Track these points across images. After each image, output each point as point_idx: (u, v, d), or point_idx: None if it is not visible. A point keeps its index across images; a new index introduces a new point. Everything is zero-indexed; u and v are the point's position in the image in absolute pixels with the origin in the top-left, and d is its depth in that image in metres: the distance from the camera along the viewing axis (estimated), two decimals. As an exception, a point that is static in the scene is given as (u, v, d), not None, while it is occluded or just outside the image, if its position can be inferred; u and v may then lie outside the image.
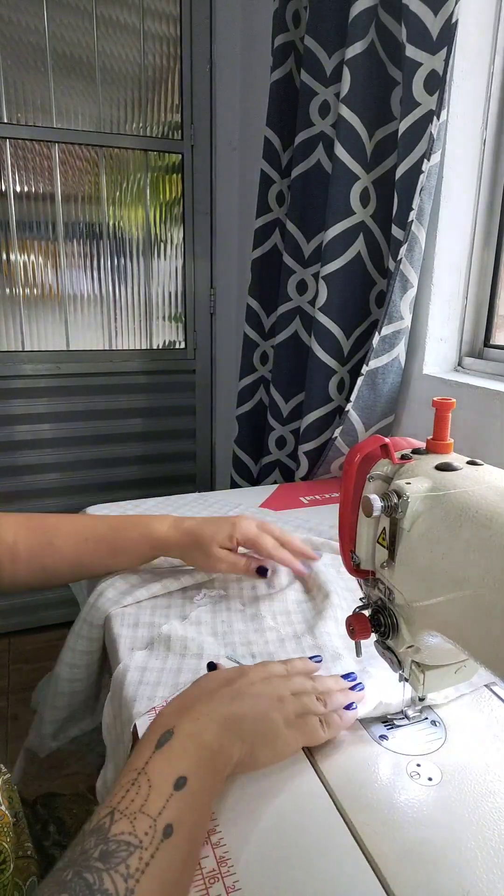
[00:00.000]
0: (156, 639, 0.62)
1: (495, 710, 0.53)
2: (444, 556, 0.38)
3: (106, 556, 0.71)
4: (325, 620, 0.64)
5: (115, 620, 0.66)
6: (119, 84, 1.63)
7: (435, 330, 1.04)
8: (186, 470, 1.98)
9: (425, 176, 0.90)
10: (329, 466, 1.16)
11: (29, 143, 1.59)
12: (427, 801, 0.44)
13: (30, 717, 0.80)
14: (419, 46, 0.88)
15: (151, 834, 0.35)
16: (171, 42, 1.65)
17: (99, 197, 1.69)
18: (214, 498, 1.02)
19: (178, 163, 1.74)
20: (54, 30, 1.54)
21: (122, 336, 1.82)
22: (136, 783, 0.38)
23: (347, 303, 1.10)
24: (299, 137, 1.15)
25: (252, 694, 0.46)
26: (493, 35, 0.94)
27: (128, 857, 0.34)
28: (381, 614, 0.46)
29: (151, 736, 0.41)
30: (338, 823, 0.42)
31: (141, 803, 0.37)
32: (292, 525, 0.91)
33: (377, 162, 1.05)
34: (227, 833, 0.41)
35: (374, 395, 1.04)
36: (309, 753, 0.48)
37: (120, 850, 0.34)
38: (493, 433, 0.88)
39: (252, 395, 1.44)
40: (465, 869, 0.39)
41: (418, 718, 0.51)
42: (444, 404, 0.44)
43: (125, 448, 1.89)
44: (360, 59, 0.98)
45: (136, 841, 0.35)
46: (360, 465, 0.46)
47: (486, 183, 1.00)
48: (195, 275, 1.82)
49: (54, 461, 1.81)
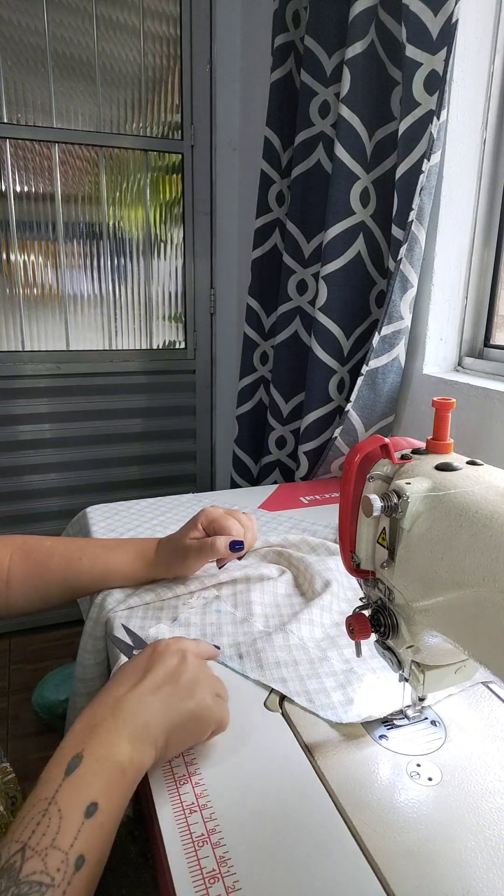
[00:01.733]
0: (145, 641, 0.62)
1: (495, 709, 0.53)
2: (444, 556, 0.38)
3: (97, 578, 0.71)
4: (311, 608, 0.66)
5: (114, 624, 0.66)
6: (119, 84, 1.63)
7: (435, 330, 1.04)
8: (186, 470, 1.98)
9: (425, 176, 0.90)
10: (329, 466, 1.16)
11: (29, 143, 1.59)
12: (427, 801, 0.44)
13: (30, 717, 0.80)
14: (419, 46, 0.88)
15: (63, 869, 0.35)
16: (171, 42, 1.65)
17: (99, 197, 1.69)
18: (210, 498, 1.01)
19: (178, 163, 1.74)
20: (54, 30, 1.54)
21: (122, 336, 1.82)
22: (46, 814, 0.37)
23: (347, 303, 1.10)
24: (299, 137, 1.15)
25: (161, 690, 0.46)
26: (493, 35, 0.94)
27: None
28: (381, 614, 0.46)
29: (60, 761, 0.40)
30: (338, 823, 0.42)
31: (52, 837, 0.36)
32: (291, 525, 0.91)
33: (377, 162, 1.05)
34: (227, 833, 0.41)
35: (374, 395, 1.04)
36: (309, 753, 0.48)
37: (32, 891, 0.34)
38: (493, 433, 0.88)
39: (252, 395, 1.45)
40: (465, 869, 0.39)
41: (418, 718, 0.51)
42: (444, 404, 0.44)
43: (125, 448, 1.89)
44: (360, 59, 0.98)
45: (49, 880, 0.34)
46: (360, 465, 0.46)
47: (486, 183, 1.00)
48: (195, 275, 1.82)
49: (54, 461, 1.81)
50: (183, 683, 0.47)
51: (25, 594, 0.70)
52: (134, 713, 0.44)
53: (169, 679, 0.47)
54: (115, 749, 0.42)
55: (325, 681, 0.56)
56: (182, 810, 0.43)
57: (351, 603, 0.69)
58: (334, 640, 0.62)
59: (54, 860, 0.35)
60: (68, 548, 0.72)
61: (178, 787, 0.45)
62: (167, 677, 0.47)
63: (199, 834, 0.41)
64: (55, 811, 0.37)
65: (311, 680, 0.56)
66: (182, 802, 0.44)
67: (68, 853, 0.36)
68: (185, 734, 0.46)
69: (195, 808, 0.43)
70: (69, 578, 0.70)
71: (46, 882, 0.34)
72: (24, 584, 0.70)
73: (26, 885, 0.34)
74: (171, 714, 0.45)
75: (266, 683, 0.56)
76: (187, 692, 0.47)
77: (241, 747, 0.49)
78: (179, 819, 0.42)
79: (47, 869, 0.35)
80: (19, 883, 0.34)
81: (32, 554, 0.70)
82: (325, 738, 0.50)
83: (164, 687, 0.46)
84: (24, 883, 0.34)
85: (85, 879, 0.36)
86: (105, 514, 0.94)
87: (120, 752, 0.42)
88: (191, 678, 0.48)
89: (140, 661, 0.49)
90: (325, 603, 0.67)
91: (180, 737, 0.46)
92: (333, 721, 0.51)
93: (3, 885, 0.34)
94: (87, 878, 0.36)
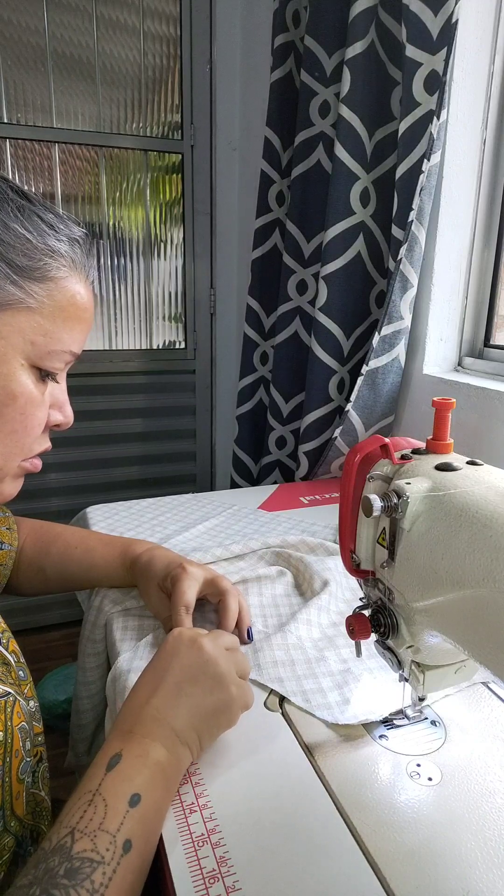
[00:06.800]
0: (142, 644, 0.62)
1: (495, 709, 0.53)
2: (444, 556, 0.38)
3: (85, 570, 0.71)
4: (309, 608, 0.65)
5: (113, 625, 0.66)
6: (119, 84, 1.63)
7: (435, 330, 1.04)
8: (186, 470, 1.98)
9: (425, 176, 0.90)
10: (329, 466, 1.16)
11: (29, 143, 1.59)
12: (427, 801, 0.44)
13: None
14: (419, 46, 0.88)
15: (112, 850, 0.36)
16: (171, 42, 1.65)
17: (99, 197, 1.69)
18: (209, 499, 1.01)
19: (178, 163, 1.74)
20: (54, 30, 1.54)
21: (122, 336, 1.81)
22: (92, 803, 0.38)
23: (347, 303, 1.10)
24: (299, 137, 1.15)
25: (183, 690, 0.46)
26: (493, 35, 0.94)
27: (92, 872, 0.35)
28: (381, 614, 0.46)
29: (100, 762, 0.41)
30: (338, 823, 0.42)
31: (99, 822, 0.37)
32: (291, 525, 0.91)
33: (377, 162, 1.05)
34: (227, 833, 0.41)
35: (374, 395, 1.04)
36: (309, 753, 0.48)
37: (84, 866, 0.35)
38: (493, 433, 0.88)
39: (252, 395, 1.44)
40: (465, 869, 0.39)
41: (418, 718, 0.51)
42: (444, 404, 0.44)
43: (125, 448, 1.89)
44: (360, 59, 0.98)
45: (99, 857, 0.36)
46: (360, 465, 0.46)
47: (486, 183, 1.00)
48: (195, 275, 1.82)
49: (55, 461, 1.81)
50: (203, 678, 0.46)
51: (28, 576, 0.71)
52: (160, 722, 0.44)
53: (188, 676, 0.46)
54: (152, 751, 0.42)
55: (321, 681, 0.56)
56: (182, 810, 0.43)
57: (349, 603, 0.69)
58: (332, 640, 0.62)
59: (103, 841, 0.37)
60: (73, 536, 0.73)
61: (178, 787, 0.45)
62: (185, 674, 0.46)
63: (199, 834, 0.41)
64: (100, 801, 0.38)
65: (308, 680, 0.56)
66: (182, 802, 0.44)
67: (115, 836, 0.37)
68: (216, 726, 0.47)
69: (195, 808, 0.43)
70: (64, 566, 0.71)
71: (97, 859, 0.36)
72: (28, 565, 0.71)
73: (78, 860, 0.35)
74: (197, 713, 0.45)
75: (263, 683, 0.56)
76: (209, 687, 0.46)
77: (242, 747, 0.49)
78: (179, 819, 0.42)
79: (97, 848, 0.36)
80: (71, 858, 0.35)
81: (42, 538, 0.72)
82: (325, 739, 0.50)
83: (184, 687, 0.46)
84: (76, 859, 0.35)
85: (134, 863, 0.37)
86: (105, 514, 0.94)
87: (156, 753, 0.42)
88: (210, 670, 0.47)
89: (158, 660, 0.48)
90: (323, 603, 0.67)
91: (212, 730, 0.46)
92: (329, 721, 0.51)
93: (57, 860, 0.35)
94: (135, 862, 0.37)
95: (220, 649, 0.49)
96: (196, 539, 0.85)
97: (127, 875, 0.36)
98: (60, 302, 0.48)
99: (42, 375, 0.49)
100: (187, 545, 0.82)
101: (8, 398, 0.47)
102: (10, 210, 0.45)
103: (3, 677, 0.48)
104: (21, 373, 0.47)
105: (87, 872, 0.35)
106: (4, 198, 0.45)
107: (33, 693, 0.53)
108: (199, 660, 0.47)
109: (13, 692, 0.47)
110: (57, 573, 0.71)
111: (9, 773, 0.43)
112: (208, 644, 0.48)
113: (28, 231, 0.45)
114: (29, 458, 0.52)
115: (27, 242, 0.45)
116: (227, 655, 0.49)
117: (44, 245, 0.46)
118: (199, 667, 0.47)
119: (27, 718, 0.48)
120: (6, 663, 0.50)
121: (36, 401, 0.49)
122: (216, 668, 0.47)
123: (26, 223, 0.45)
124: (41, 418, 0.51)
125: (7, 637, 0.53)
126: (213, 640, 0.49)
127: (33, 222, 0.46)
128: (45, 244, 0.46)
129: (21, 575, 0.71)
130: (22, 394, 0.47)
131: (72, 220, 0.50)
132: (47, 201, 0.49)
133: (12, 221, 0.45)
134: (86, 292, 0.50)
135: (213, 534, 0.87)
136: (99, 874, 0.35)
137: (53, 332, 0.48)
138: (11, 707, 0.46)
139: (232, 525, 0.90)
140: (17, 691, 0.48)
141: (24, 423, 0.49)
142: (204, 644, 0.48)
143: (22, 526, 0.74)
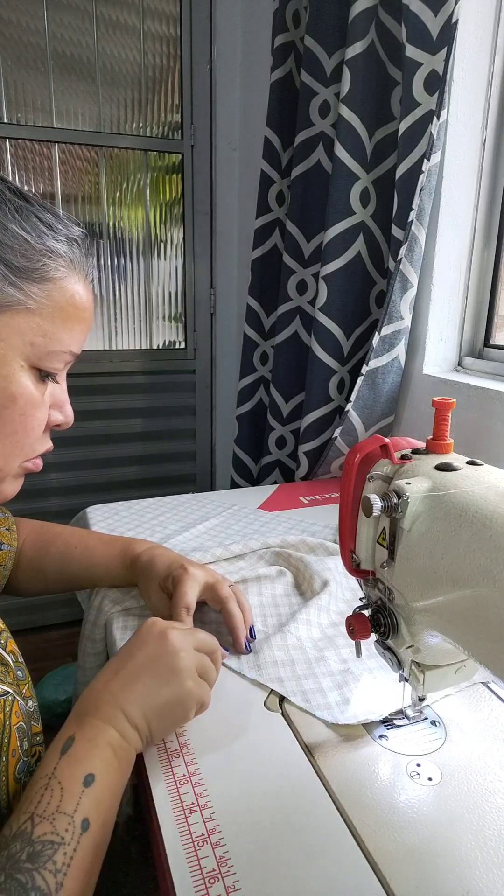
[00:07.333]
0: None
1: (495, 709, 0.53)
2: (444, 556, 0.38)
3: (85, 570, 0.71)
4: (308, 608, 0.65)
5: (113, 625, 0.66)
6: (119, 84, 1.63)
7: (435, 330, 1.04)
8: (186, 470, 1.98)
9: (425, 176, 0.90)
10: (329, 466, 1.16)
11: (29, 143, 1.59)
12: (427, 801, 0.44)
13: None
14: (419, 46, 0.88)
15: (72, 830, 0.38)
16: (171, 42, 1.65)
17: (99, 197, 1.69)
18: (209, 499, 1.01)
19: (178, 163, 1.74)
20: (54, 30, 1.54)
21: (122, 336, 1.81)
22: (48, 787, 0.39)
23: (347, 303, 1.10)
24: (299, 137, 1.15)
25: (139, 678, 0.47)
26: (493, 35, 0.94)
27: (53, 854, 0.36)
28: (381, 614, 0.46)
29: (55, 746, 0.43)
30: (338, 823, 0.42)
31: (57, 804, 0.38)
32: (291, 525, 0.91)
33: (377, 162, 1.05)
34: (227, 833, 0.41)
35: (374, 395, 1.04)
36: (309, 753, 0.48)
37: (45, 849, 0.36)
38: (493, 433, 0.88)
39: (252, 395, 1.44)
40: (465, 869, 0.39)
41: (418, 718, 0.51)
42: (443, 404, 0.44)
43: (125, 448, 1.89)
44: (360, 59, 0.98)
45: (59, 839, 0.37)
46: (360, 465, 0.46)
47: (486, 183, 1.00)
48: (195, 275, 1.82)
49: (55, 461, 1.81)
50: (162, 669, 0.47)
51: (28, 576, 0.71)
52: (113, 706, 0.45)
53: (148, 665, 0.47)
54: (103, 733, 0.44)
55: (321, 681, 0.56)
56: (182, 810, 0.43)
57: (349, 603, 0.69)
58: (332, 640, 0.62)
59: (62, 822, 0.38)
60: (73, 536, 0.73)
61: (178, 787, 0.45)
62: (146, 664, 0.48)
63: (199, 834, 0.41)
64: (56, 784, 0.40)
65: (308, 680, 0.56)
66: (182, 802, 0.44)
67: (73, 816, 0.38)
68: (168, 719, 0.47)
69: (195, 808, 0.43)
70: (64, 566, 0.71)
71: (57, 841, 0.37)
72: (28, 565, 0.71)
73: (39, 843, 0.36)
74: (149, 701, 0.46)
75: (263, 683, 0.56)
76: (165, 678, 0.47)
77: (241, 747, 0.49)
78: (179, 819, 0.42)
79: (56, 830, 0.37)
80: (33, 843, 0.36)
81: (42, 538, 0.73)
82: (325, 738, 0.50)
83: (142, 675, 0.47)
84: (37, 842, 0.36)
85: (93, 840, 0.38)
86: (105, 514, 0.94)
87: (107, 735, 0.44)
88: (169, 662, 0.48)
89: (126, 646, 0.50)
90: (323, 603, 0.67)
91: (163, 721, 0.47)
92: (329, 721, 0.51)
93: (18, 845, 0.36)
94: (94, 840, 0.39)
95: (187, 645, 0.50)
96: (196, 539, 0.85)
97: (87, 852, 0.38)
98: (59, 302, 0.48)
99: (42, 376, 0.49)
100: (187, 545, 0.82)
101: (8, 400, 0.47)
102: (8, 211, 0.45)
103: (2, 677, 0.48)
104: (21, 374, 0.47)
105: (49, 854, 0.36)
106: (2, 199, 0.45)
107: (32, 693, 0.53)
108: (162, 651, 0.48)
109: (12, 692, 0.47)
110: (57, 573, 0.71)
111: (5, 772, 0.43)
112: (175, 637, 0.49)
113: (26, 232, 0.45)
114: (30, 458, 0.52)
115: (25, 243, 0.45)
116: (192, 652, 0.50)
117: (42, 246, 0.46)
118: (161, 658, 0.48)
119: (25, 718, 0.48)
120: (4, 663, 0.50)
121: (36, 402, 0.49)
122: (175, 660, 0.48)
123: (24, 224, 0.45)
124: (41, 419, 0.51)
125: (6, 637, 0.53)
126: (183, 635, 0.50)
127: (31, 223, 0.46)
128: (43, 245, 0.46)
129: (21, 575, 0.71)
130: (22, 395, 0.47)
131: (70, 219, 0.50)
132: (46, 201, 0.49)
133: (10, 222, 0.45)
134: (85, 292, 0.50)
135: (213, 534, 0.87)
136: (60, 854, 0.36)
137: (53, 333, 0.48)
138: (10, 707, 0.46)
139: (232, 525, 0.90)
140: (15, 691, 0.48)
141: (24, 424, 0.49)
142: (171, 636, 0.49)
143: (21, 526, 0.74)
